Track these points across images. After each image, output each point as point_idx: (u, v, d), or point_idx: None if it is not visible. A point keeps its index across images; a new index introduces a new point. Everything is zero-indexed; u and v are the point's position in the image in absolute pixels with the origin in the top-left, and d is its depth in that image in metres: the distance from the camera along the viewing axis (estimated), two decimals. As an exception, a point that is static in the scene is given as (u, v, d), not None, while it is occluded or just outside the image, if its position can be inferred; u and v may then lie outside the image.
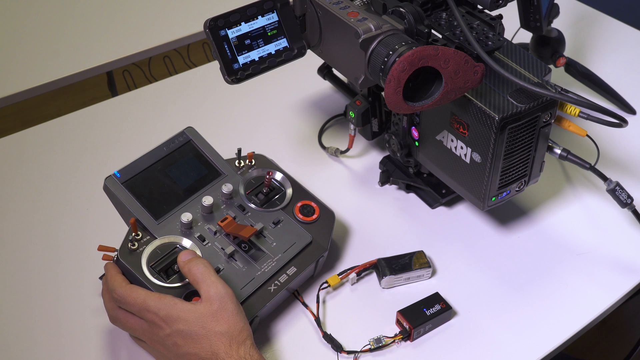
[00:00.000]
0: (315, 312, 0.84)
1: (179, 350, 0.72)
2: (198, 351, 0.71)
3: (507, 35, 0.92)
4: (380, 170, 1.02)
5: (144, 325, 0.74)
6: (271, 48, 0.86)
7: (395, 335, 0.82)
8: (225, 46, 0.83)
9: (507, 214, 0.98)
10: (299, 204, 0.87)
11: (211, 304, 0.72)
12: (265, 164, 0.90)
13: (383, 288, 0.88)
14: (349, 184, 1.03)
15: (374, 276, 0.89)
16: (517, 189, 0.88)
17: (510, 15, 0.95)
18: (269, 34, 0.86)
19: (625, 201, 0.86)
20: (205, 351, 0.71)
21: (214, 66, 1.23)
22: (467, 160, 0.84)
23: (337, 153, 1.06)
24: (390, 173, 1.01)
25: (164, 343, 0.73)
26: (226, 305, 0.72)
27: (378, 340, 0.81)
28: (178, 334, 0.72)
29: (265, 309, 0.80)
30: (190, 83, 1.25)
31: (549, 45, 1.10)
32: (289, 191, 0.88)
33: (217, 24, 0.83)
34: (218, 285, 0.73)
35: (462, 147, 0.85)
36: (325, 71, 1.14)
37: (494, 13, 0.88)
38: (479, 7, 0.89)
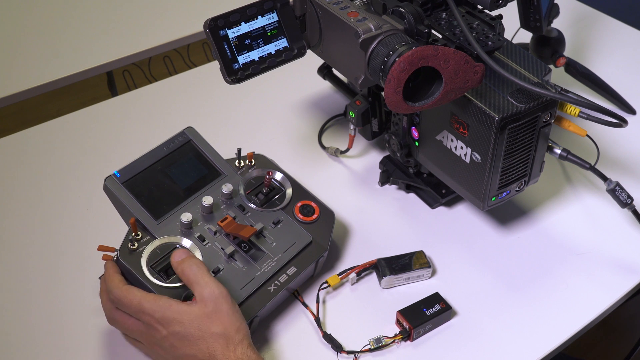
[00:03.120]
0: (315, 312, 0.84)
1: (177, 352, 0.72)
2: (195, 352, 0.71)
3: (507, 35, 0.92)
4: (380, 170, 1.02)
5: (142, 327, 0.74)
6: (271, 48, 0.86)
7: (395, 335, 0.82)
8: (225, 46, 0.83)
9: (507, 214, 0.98)
10: (299, 204, 0.87)
11: (205, 306, 0.72)
12: (265, 164, 0.90)
13: (383, 288, 0.88)
14: (349, 184, 1.03)
15: (374, 276, 0.89)
16: (517, 189, 0.88)
17: (510, 15, 0.95)
18: (269, 34, 0.86)
19: (625, 201, 0.86)
20: (202, 352, 0.71)
21: (214, 66, 1.23)
22: (467, 160, 0.84)
23: (337, 153, 1.06)
24: (390, 173, 1.01)
25: (162, 345, 0.73)
26: (221, 306, 0.72)
27: (378, 340, 0.81)
28: (174, 335, 0.71)
29: (265, 309, 0.80)
30: (190, 83, 1.25)
31: (549, 45, 1.10)
32: (289, 191, 0.88)
33: (217, 24, 0.83)
34: (212, 286, 0.73)
35: (462, 147, 0.84)
36: (325, 71, 1.14)
37: (494, 13, 0.88)
38: (479, 7, 0.89)
